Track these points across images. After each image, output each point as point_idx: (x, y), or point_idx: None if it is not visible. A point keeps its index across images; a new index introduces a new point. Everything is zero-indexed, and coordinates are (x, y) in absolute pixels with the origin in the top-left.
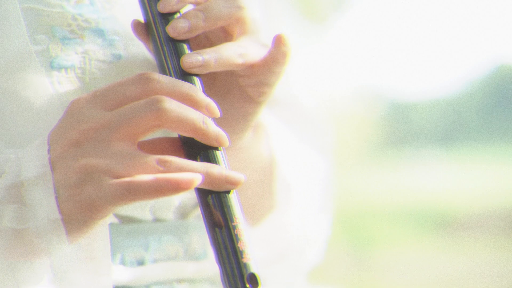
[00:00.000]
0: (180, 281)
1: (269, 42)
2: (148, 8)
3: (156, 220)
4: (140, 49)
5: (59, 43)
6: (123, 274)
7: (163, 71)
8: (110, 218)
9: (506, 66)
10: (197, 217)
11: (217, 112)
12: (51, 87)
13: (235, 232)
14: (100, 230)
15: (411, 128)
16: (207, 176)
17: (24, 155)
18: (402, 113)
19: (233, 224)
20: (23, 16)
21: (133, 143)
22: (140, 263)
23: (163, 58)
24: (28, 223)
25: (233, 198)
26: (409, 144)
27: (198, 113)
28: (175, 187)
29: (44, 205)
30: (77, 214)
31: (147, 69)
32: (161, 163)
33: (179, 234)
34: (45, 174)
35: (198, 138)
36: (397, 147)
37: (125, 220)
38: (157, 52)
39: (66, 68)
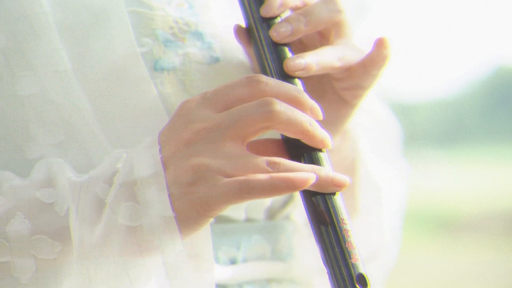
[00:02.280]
0: (269, 280)
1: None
2: (250, 13)
3: (248, 220)
4: (236, 52)
5: (161, 45)
6: (218, 272)
7: (264, 74)
8: None
9: (506, 68)
10: (283, 218)
11: (320, 115)
12: (155, 89)
13: (343, 233)
14: (203, 228)
15: (412, 129)
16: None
17: (136, 155)
18: (402, 114)
19: (340, 225)
20: (129, 19)
21: (242, 144)
22: (233, 262)
23: (265, 61)
24: (141, 221)
25: (339, 200)
26: (410, 145)
27: (306, 115)
28: (290, 186)
29: (157, 203)
30: (190, 212)
31: (243, 72)
32: (271, 164)
33: (267, 234)
34: (158, 173)
35: (304, 139)
36: None
37: (220, 219)
38: (259, 55)
39: (168, 70)
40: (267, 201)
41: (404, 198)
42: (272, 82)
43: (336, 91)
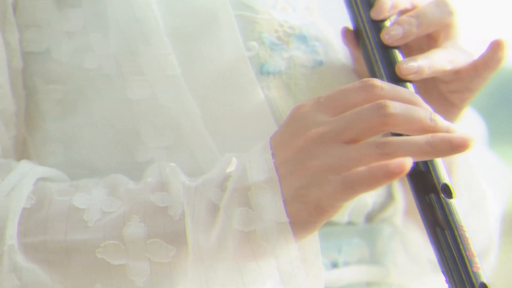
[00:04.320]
0: (368, 284)
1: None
2: (358, 15)
3: (349, 223)
4: (338, 55)
5: (267, 49)
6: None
7: (374, 77)
8: None
9: (507, 68)
10: (381, 222)
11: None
12: (262, 93)
13: (462, 241)
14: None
15: None
16: (430, 146)
17: (248, 160)
18: None
19: (459, 232)
20: (237, 23)
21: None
22: (334, 265)
23: (375, 65)
24: (254, 226)
25: (455, 205)
26: None
27: (424, 111)
28: (388, 174)
29: (272, 208)
30: (304, 216)
31: (346, 75)
32: (380, 146)
33: (367, 238)
34: (272, 178)
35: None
36: None
37: None
38: (368, 58)
39: (274, 74)
40: (369, 204)
41: (504, 200)
42: (387, 86)
43: (443, 94)
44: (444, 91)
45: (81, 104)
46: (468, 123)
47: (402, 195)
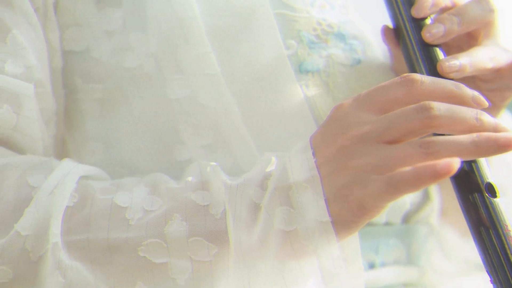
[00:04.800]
0: (405, 284)
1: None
2: (398, 14)
3: (386, 223)
4: (376, 53)
5: (306, 47)
6: None
7: None
8: None
9: None
10: (417, 222)
11: (484, 102)
12: (301, 91)
13: (508, 240)
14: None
15: None
16: (475, 146)
17: (288, 159)
18: None
19: (504, 231)
20: (276, 21)
21: None
22: (371, 266)
23: (416, 63)
24: (296, 225)
25: (500, 204)
26: None
27: (469, 110)
28: (435, 174)
29: (313, 207)
30: (347, 215)
31: (384, 73)
32: (424, 145)
33: (403, 238)
34: (313, 177)
35: None
36: None
37: None
38: (408, 56)
39: (312, 72)
40: (407, 204)
41: None
42: (428, 80)
43: (482, 93)
44: (483, 90)
45: (120, 103)
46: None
47: (438, 195)
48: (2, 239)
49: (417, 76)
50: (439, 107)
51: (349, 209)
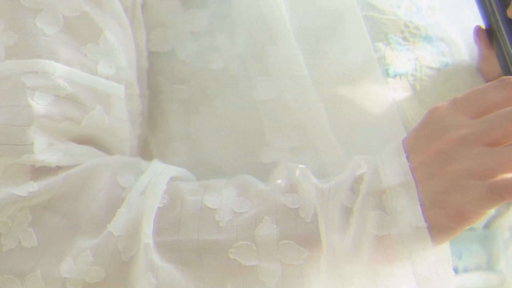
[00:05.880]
0: None
1: None
2: (492, 15)
3: (470, 228)
4: (462, 55)
5: (394, 50)
6: None
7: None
8: None
9: None
10: (498, 227)
11: None
12: (390, 94)
13: None
14: None
15: None
16: None
17: (381, 163)
18: None
19: None
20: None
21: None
22: (454, 271)
23: (511, 64)
24: (389, 230)
25: None
26: None
27: None
28: None
29: (408, 212)
30: (443, 221)
31: (472, 75)
32: None
33: (484, 243)
34: (408, 182)
35: None
36: None
37: None
38: (502, 58)
39: (400, 75)
40: (492, 210)
41: None
42: None
43: None
44: None
45: (204, 104)
46: None
47: None
48: (95, 239)
49: None
50: None
51: (446, 215)
